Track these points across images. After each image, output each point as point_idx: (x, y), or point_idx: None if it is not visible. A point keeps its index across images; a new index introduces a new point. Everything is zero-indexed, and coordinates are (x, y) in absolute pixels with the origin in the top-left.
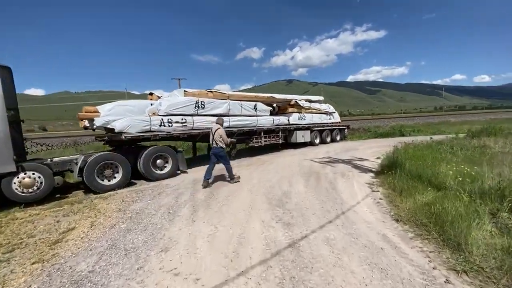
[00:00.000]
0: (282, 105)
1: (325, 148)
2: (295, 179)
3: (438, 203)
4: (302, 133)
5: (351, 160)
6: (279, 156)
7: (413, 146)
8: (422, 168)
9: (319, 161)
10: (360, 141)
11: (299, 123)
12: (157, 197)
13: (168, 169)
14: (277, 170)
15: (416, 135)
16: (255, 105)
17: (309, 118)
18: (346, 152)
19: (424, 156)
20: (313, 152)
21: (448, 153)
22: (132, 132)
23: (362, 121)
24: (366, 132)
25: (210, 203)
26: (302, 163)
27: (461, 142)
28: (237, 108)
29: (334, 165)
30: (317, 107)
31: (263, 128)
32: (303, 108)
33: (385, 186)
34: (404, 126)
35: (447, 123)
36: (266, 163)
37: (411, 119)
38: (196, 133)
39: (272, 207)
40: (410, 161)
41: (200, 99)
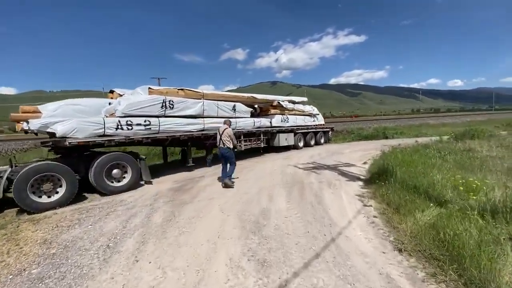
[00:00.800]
0: (264, 106)
1: (309, 152)
2: (276, 190)
3: (446, 226)
4: (285, 136)
5: (337, 165)
6: (260, 162)
7: (400, 150)
8: (416, 177)
9: (303, 167)
10: (345, 143)
11: (282, 126)
12: (103, 220)
13: (127, 180)
14: (256, 179)
15: (399, 137)
16: (234, 106)
17: (292, 120)
18: (331, 156)
19: (414, 162)
20: (297, 157)
21: (437, 158)
22: (79, 137)
23: (345, 123)
24: (349, 134)
25: (167, 229)
26: (285, 170)
27: (447, 146)
28: (213, 108)
29: (319, 171)
30: (301, 109)
31: (242, 131)
32: (286, 109)
33: (378, 199)
34: (387, 128)
35: (427, 125)
36: (245, 170)
37: (392, 121)
38: (163, 137)
39: (245, 234)
40: (401, 167)
41: (168, 98)
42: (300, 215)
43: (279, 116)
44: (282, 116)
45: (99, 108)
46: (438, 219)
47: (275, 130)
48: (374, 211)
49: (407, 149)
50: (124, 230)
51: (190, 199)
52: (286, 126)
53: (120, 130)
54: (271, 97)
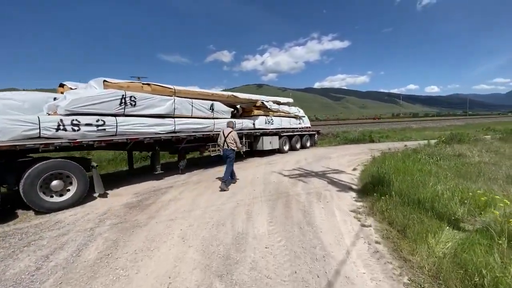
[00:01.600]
0: (246, 107)
1: (295, 156)
2: (257, 206)
3: (476, 262)
4: (269, 139)
5: (326, 172)
6: (241, 168)
7: (390, 155)
8: (415, 187)
9: (288, 174)
10: (331, 147)
11: (266, 128)
12: (15, 255)
13: (72, 193)
14: (234, 190)
15: (385, 141)
16: (212, 105)
17: (277, 122)
18: (319, 161)
19: (409, 168)
20: (282, 162)
21: (431, 164)
22: (3, 139)
23: (330, 125)
24: (335, 138)
25: (98, 273)
26: (268, 178)
27: (437, 151)
28: (186, 107)
29: (307, 180)
30: (286, 110)
31: (219, 132)
32: (270, 110)
33: (377, 217)
34: (373, 132)
35: (410, 129)
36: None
37: (376, 125)
38: (122, 140)
39: (208, 279)
40: (397, 175)
41: (129, 93)
42: (285, 244)
43: (263, 118)
44: (266, 118)
45: (40, 104)
46: (459, 248)
47: (258, 133)
48: (376, 234)
49: (398, 153)
50: (36, 274)
51: (146, 220)
52: (270, 129)
53: (63, 132)
54: (254, 97)
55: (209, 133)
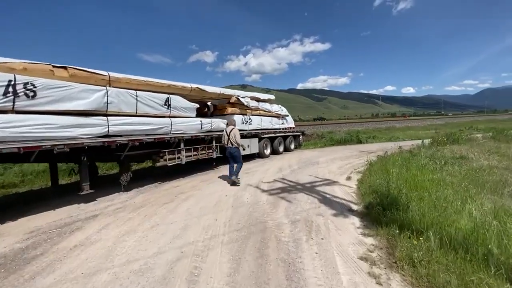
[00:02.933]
0: (219, 104)
1: (277, 162)
2: (212, 257)
3: None
4: (247, 141)
5: (315, 183)
6: (207, 181)
7: (386, 159)
8: (444, 211)
9: (268, 188)
10: (317, 149)
11: (243, 129)
12: None
13: None
14: (187, 220)
15: (373, 141)
16: (168, 100)
17: (256, 122)
18: (305, 168)
19: (417, 179)
20: (261, 170)
21: (439, 171)
22: None
23: (314, 126)
24: (320, 139)
25: None
26: (240, 197)
27: (435, 153)
28: (127, 101)
29: (292, 197)
30: (267, 109)
31: (182, 136)
32: (248, 108)
33: (406, 272)
34: (359, 132)
35: (394, 128)
36: (176, 200)
37: (360, 125)
38: (7, 149)
39: None
40: (408, 189)
41: (23, 78)
42: None
43: (239, 117)
44: (244, 117)
45: None
46: None
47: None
48: None
49: (394, 157)
50: None
51: None
52: (248, 130)
53: None
54: (228, 91)
55: (163, 136)
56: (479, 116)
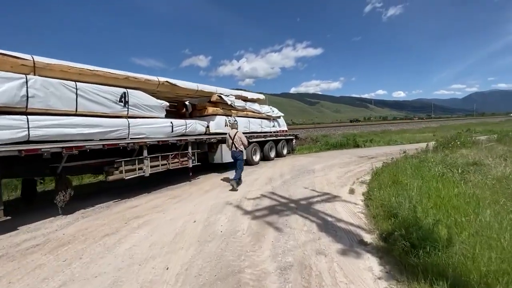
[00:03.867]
0: (199, 103)
1: (267, 170)
2: None
3: None
4: None
5: (311, 200)
6: (176, 198)
7: (394, 166)
8: (500, 252)
9: (252, 207)
10: (312, 155)
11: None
12: None
13: None
14: (121, 270)
15: (371, 145)
16: (124, 95)
17: (243, 124)
18: (299, 177)
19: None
20: (247, 181)
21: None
22: None
23: (307, 129)
24: (315, 143)
25: None
26: (210, 226)
27: (444, 158)
28: (60, 95)
29: (281, 223)
30: (256, 109)
31: (145, 141)
32: (233, 108)
33: None
34: (356, 135)
35: (389, 131)
36: (123, 229)
37: (354, 128)
38: None
39: None
40: (440, 212)
41: None
42: None
43: (222, 118)
44: (228, 119)
45: None
46: None
47: (214, 139)
48: None
49: (402, 164)
50: None
51: None
52: None
53: None
54: (207, 88)
55: (117, 142)
56: (471, 119)
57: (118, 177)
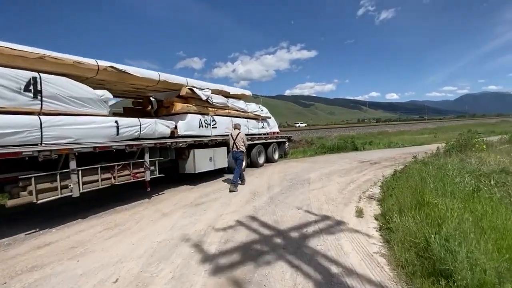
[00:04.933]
0: (166, 99)
1: (252, 181)
2: None
3: None
4: (208, 153)
5: (306, 229)
6: (119, 227)
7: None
8: None
9: (216, 250)
10: (307, 159)
11: (202, 135)
12: None
13: None
14: None
15: (371, 148)
16: (33, 82)
17: (224, 124)
18: (291, 190)
19: (492, 222)
20: (222, 198)
21: (504, 198)
22: None
23: (302, 131)
24: (310, 145)
25: None
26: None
27: (467, 166)
28: None
29: (258, 279)
30: (240, 107)
31: (70, 147)
32: (211, 106)
33: None
34: (354, 137)
35: (387, 133)
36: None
37: (350, 129)
38: None
39: None
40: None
41: None
42: None
43: (194, 117)
44: (203, 118)
45: None
46: None
47: (183, 144)
48: None
49: (414, 171)
50: None
51: None
52: (211, 136)
53: None
54: (175, 79)
55: (19, 150)
56: (467, 120)
57: (24, 201)
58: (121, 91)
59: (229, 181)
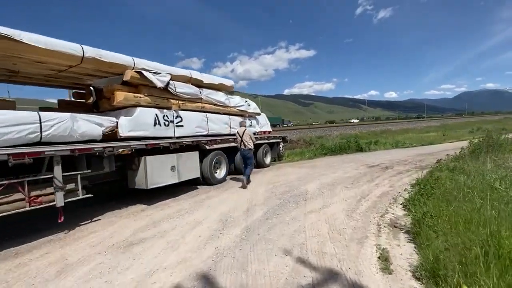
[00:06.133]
0: (106, 86)
1: (228, 198)
2: None
3: None
4: (168, 160)
5: None
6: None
7: (448, 191)
8: None
9: None
10: (305, 163)
11: (161, 136)
12: None
13: None
14: None
15: (376, 149)
16: None
17: (195, 122)
18: (279, 213)
19: None
20: (176, 230)
21: None
22: None
23: (300, 130)
24: (309, 146)
25: None
26: None
27: (503, 172)
28: None
29: None
30: (219, 101)
31: None
32: (175, 97)
33: None
34: (358, 136)
35: (390, 131)
36: None
37: (352, 128)
38: None
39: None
40: None
41: None
42: None
43: (146, 112)
44: (160, 113)
45: None
46: None
47: (128, 149)
48: None
49: (447, 182)
50: None
51: None
52: (172, 138)
53: None
54: (112, 56)
55: None
56: (469, 118)
57: None
58: (41, 76)
59: (200, 200)
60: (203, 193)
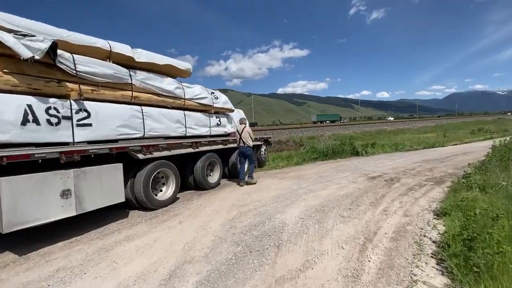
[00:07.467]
0: None
1: (158, 242)
2: None
3: None
4: (56, 181)
5: None
6: None
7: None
8: None
9: None
10: (290, 172)
11: (40, 141)
12: None
13: None
14: None
15: (374, 152)
16: None
17: (117, 120)
18: (225, 283)
19: None
20: None
21: None
22: None
23: (290, 130)
24: (298, 148)
25: None
26: None
27: None
28: None
29: None
30: (165, 89)
31: None
32: (75, 78)
33: None
34: (353, 138)
35: (384, 131)
36: None
37: (346, 128)
38: None
39: None
40: None
41: None
42: None
43: (7, 101)
44: (41, 104)
45: None
46: None
47: None
48: None
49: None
50: None
51: None
52: (70, 144)
53: None
54: None
55: None
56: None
57: None
58: None
59: (111, 243)
60: (125, 228)
